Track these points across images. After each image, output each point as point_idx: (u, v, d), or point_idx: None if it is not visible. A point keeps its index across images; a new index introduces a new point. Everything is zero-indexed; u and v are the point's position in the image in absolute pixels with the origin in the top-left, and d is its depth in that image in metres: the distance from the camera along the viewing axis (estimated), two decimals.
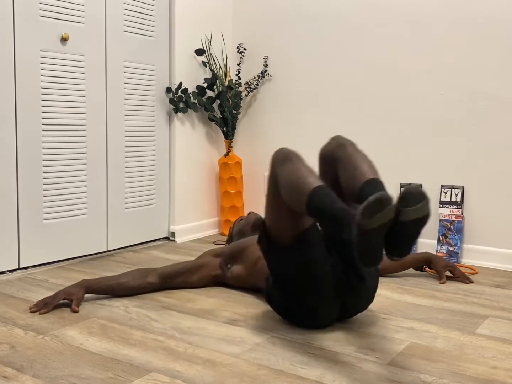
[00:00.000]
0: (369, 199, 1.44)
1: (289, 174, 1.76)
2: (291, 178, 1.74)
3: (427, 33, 2.89)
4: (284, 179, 1.76)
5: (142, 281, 2.22)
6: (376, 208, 1.43)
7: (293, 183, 1.72)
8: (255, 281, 2.20)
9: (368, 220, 1.43)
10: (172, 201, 3.27)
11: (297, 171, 1.75)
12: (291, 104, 3.36)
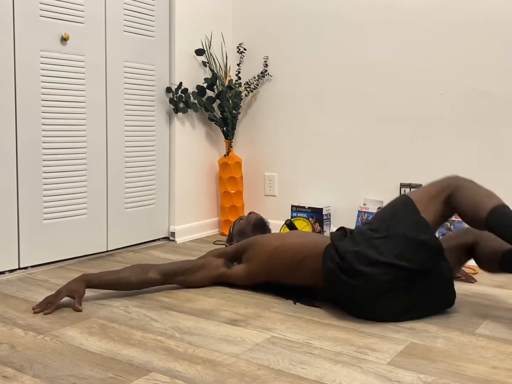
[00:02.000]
0: None
1: (477, 186, 1.95)
2: (478, 190, 1.93)
3: (427, 33, 2.89)
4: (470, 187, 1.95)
5: (143, 276, 2.20)
6: None
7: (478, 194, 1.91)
8: (270, 272, 2.20)
9: None
10: (172, 201, 3.27)
11: (483, 188, 1.95)
12: (291, 104, 3.36)
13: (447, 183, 1.99)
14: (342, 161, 3.20)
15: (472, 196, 1.90)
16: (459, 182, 1.97)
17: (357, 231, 2.02)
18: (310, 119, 3.29)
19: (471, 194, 1.91)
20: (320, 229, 3.15)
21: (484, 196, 1.89)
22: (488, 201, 1.86)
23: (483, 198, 1.88)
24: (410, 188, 2.96)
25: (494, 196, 1.89)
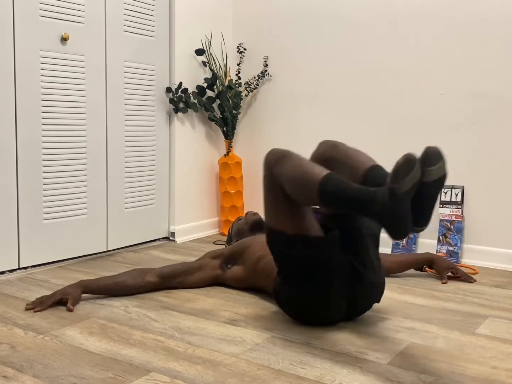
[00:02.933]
0: (398, 162, 1.47)
1: (292, 169, 1.74)
2: (296, 172, 1.72)
3: (427, 33, 2.89)
4: (289, 176, 1.74)
5: (140, 280, 2.21)
6: (405, 170, 1.46)
7: (299, 177, 1.70)
8: (256, 280, 2.20)
9: (400, 184, 1.45)
10: (172, 201, 3.27)
11: (299, 165, 1.75)
12: (291, 104, 3.36)
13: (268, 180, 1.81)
14: None
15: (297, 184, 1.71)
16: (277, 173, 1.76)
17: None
18: (310, 119, 3.29)
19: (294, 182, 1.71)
20: None
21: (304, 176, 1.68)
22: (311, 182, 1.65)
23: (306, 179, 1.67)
24: None
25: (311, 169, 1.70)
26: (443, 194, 2.86)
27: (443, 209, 2.85)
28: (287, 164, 1.77)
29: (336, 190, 1.61)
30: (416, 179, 1.47)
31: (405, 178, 1.45)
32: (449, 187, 2.85)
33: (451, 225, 2.82)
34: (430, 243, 2.88)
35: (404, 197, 1.46)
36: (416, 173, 1.47)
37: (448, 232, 2.82)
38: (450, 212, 2.83)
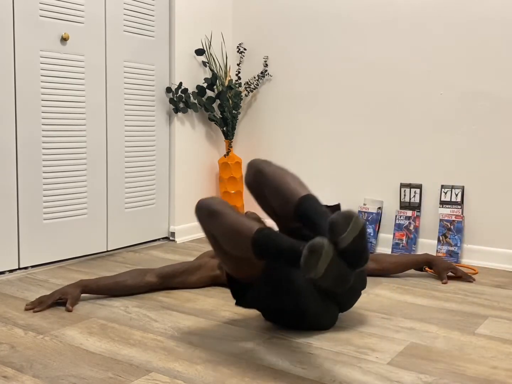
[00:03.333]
0: (304, 254, 1.42)
1: (223, 228, 1.70)
2: (227, 232, 1.69)
3: (427, 33, 2.89)
4: (221, 234, 1.71)
5: (140, 280, 2.21)
6: (313, 259, 1.41)
7: (231, 235, 1.67)
8: None
9: (313, 272, 1.42)
10: (172, 201, 3.27)
11: (229, 223, 1.69)
12: (291, 104, 3.36)
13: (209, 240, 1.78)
14: (342, 160, 3.19)
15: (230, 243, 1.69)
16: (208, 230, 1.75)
17: None
18: (310, 119, 3.29)
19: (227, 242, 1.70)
20: None
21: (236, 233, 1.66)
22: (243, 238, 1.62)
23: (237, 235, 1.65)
24: (410, 188, 2.96)
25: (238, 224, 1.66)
26: (443, 194, 2.86)
27: (443, 209, 2.85)
28: (217, 222, 1.71)
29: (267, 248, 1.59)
30: (329, 258, 1.42)
31: (315, 267, 1.41)
32: (449, 187, 2.85)
33: (451, 225, 2.82)
34: (430, 243, 2.88)
35: (324, 276, 1.43)
36: (327, 254, 1.42)
37: (448, 232, 2.82)
38: (450, 212, 2.83)
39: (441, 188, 2.88)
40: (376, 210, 3.02)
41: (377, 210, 3.02)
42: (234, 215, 1.71)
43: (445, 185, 2.87)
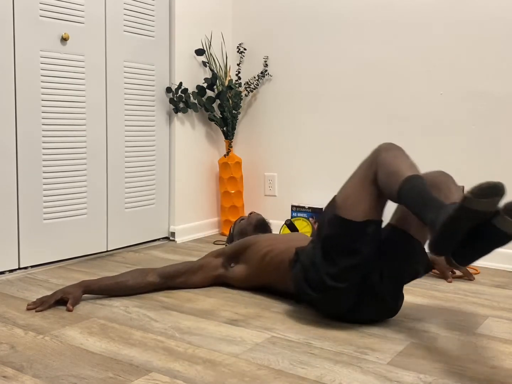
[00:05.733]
0: (488, 181, 1.41)
1: (394, 158, 1.79)
2: (395, 161, 1.77)
3: (427, 33, 2.89)
4: (388, 161, 1.78)
5: (141, 280, 2.21)
6: (489, 192, 1.39)
7: (394, 166, 1.75)
8: (262, 277, 2.20)
9: (476, 199, 1.39)
10: (172, 201, 3.27)
11: (401, 158, 1.80)
12: (291, 104, 3.36)
13: (370, 162, 1.84)
14: (342, 161, 3.19)
15: (388, 173, 1.76)
16: (380, 158, 1.81)
17: (304, 251, 1.98)
18: (310, 119, 3.29)
19: (387, 170, 1.76)
20: None
21: (397, 170, 1.73)
22: (399, 177, 1.70)
23: (396, 173, 1.72)
24: None
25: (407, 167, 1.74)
26: None
27: None
28: (394, 152, 1.83)
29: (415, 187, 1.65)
30: (489, 209, 1.41)
31: (482, 198, 1.39)
32: None
33: None
34: None
35: (469, 213, 1.41)
36: (493, 203, 1.41)
37: None
38: None
39: None
40: None
41: None
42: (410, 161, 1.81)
43: None
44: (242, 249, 2.28)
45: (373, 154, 1.87)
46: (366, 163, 1.87)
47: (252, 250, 2.23)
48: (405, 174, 1.69)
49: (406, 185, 1.67)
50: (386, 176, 1.77)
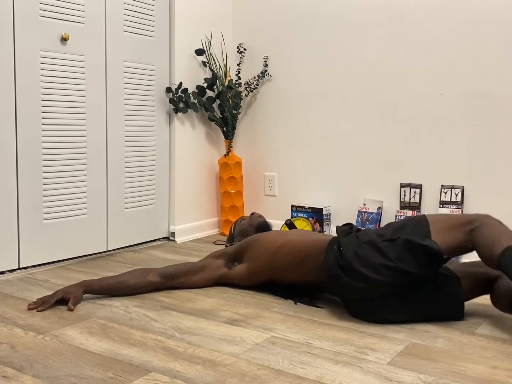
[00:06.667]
0: None
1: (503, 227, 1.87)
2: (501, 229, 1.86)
3: (427, 33, 2.89)
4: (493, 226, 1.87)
5: (142, 280, 2.21)
6: None
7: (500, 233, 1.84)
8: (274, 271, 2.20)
9: None
10: (172, 201, 3.27)
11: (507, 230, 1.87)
12: (291, 104, 3.36)
13: (474, 218, 1.92)
14: (342, 161, 3.19)
15: (493, 235, 1.84)
16: (486, 220, 1.90)
17: (364, 231, 2.02)
18: (310, 119, 3.29)
19: (493, 232, 1.84)
20: (320, 229, 3.15)
21: (504, 235, 1.82)
22: (506, 241, 1.78)
23: (502, 237, 1.81)
24: (410, 188, 2.96)
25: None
26: (443, 194, 2.86)
27: (443, 209, 2.85)
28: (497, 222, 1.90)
29: None
30: None
31: None
32: (449, 187, 2.85)
33: None
34: None
35: None
36: None
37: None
38: (450, 212, 2.83)
39: (441, 188, 2.88)
40: (376, 210, 3.02)
41: (377, 210, 3.02)
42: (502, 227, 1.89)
43: (445, 185, 2.87)
44: (246, 248, 2.28)
45: (478, 214, 1.96)
46: (468, 216, 1.96)
47: (259, 247, 2.23)
48: (509, 242, 1.78)
49: (506, 253, 1.75)
50: (488, 237, 1.84)
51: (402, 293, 1.89)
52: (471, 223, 1.90)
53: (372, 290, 1.88)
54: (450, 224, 1.93)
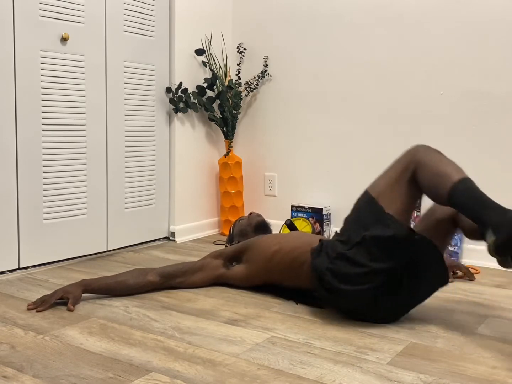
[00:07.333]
0: None
1: (438, 159, 1.81)
2: (438, 162, 1.79)
3: (427, 33, 2.89)
4: (430, 161, 1.81)
5: (141, 280, 2.21)
6: None
7: (439, 166, 1.77)
8: (269, 276, 2.20)
9: None
10: (172, 201, 3.27)
11: (446, 161, 1.81)
12: (291, 104, 3.36)
13: (408, 160, 1.85)
14: (342, 161, 3.19)
15: (433, 175, 1.77)
16: (420, 157, 1.83)
17: (329, 244, 1.97)
18: (310, 119, 3.29)
19: (432, 172, 1.77)
20: (320, 229, 3.15)
21: (445, 168, 1.75)
22: (448, 177, 1.72)
23: (444, 172, 1.74)
24: None
25: (456, 170, 1.75)
26: None
27: None
28: (434, 153, 1.86)
29: (470, 189, 1.67)
30: None
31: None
32: None
33: None
34: None
35: None
36: None
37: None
38: None
39: None
40: None
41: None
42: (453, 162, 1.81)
43: None
44: (245, 250, 2.28)
45: (409, 153, 1.87)
46: (402, 163, 1.87)
47: (257, 250, 2.23)
48: (454, 176, 1.71)
49: (459, 186, 1.68)
50: (431, 176, 1.77)
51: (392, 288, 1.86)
52: (407, 169, 1.84)
53: (361, 299, 1.87)
54: (391, 186, 1.86)
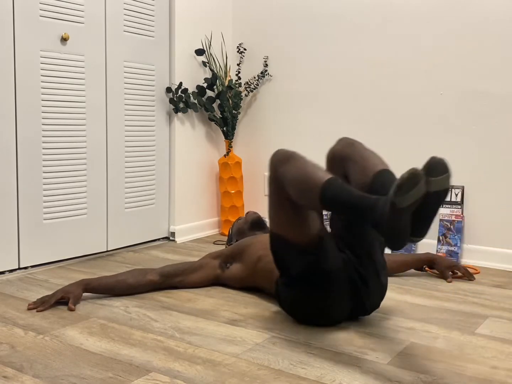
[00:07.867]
0: (402, 176, 1.43)
1: (296, 171, 1.74)
2: (299, 174, 1.72)
3: (427, 33, 2.89)
4: (292, 177, 1.73)
5: (141, 279, 2.21)
6: (409, 185, 1.42)
7: (302, 179, 1.70)
8: (255, 280, 2.20)
9: (402, 198, 1.42)
10: (172, 201, 3.27)
11: (303, 167, 1.74)
12: (291, 104, 3.36)
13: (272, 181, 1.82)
14: None
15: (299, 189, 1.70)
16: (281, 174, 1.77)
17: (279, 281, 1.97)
18: (310, 119, 3.29)
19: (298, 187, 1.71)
20: None
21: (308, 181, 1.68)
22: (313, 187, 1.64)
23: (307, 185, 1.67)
24: None
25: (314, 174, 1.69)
26: None
27: (443, 209, 2.85)
28: (291, 165, 1.77)
29: (337, 195, 1.61)
30: (419, 195, 1.44)
31: (408, 192, 1.41)
32: None
33: (451, 225, 2.82)
34: (430, 243, 2.87)
35: (404, 211, 1.44)
36: (420, 189, 1.43)
37: (448, 232, 2.82)
38: (450, 212, 2.83)
39: None
40: None
41: None
42: (311, 163, 1.76)
43: None
44: (238, 251, 2.29)
45: (270, 171, 1.83)
46: (271, 185, 1.83)
47: (247, 253, 2.24)
48: (317, 184, 1.63)
49: (325, 196, 1.61)
50: (299, 193, 1.71)
51: (355, 282, 1.83)
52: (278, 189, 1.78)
53: (329, 306, 1.85)
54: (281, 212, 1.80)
